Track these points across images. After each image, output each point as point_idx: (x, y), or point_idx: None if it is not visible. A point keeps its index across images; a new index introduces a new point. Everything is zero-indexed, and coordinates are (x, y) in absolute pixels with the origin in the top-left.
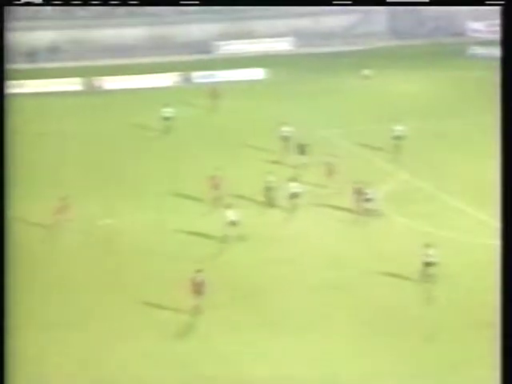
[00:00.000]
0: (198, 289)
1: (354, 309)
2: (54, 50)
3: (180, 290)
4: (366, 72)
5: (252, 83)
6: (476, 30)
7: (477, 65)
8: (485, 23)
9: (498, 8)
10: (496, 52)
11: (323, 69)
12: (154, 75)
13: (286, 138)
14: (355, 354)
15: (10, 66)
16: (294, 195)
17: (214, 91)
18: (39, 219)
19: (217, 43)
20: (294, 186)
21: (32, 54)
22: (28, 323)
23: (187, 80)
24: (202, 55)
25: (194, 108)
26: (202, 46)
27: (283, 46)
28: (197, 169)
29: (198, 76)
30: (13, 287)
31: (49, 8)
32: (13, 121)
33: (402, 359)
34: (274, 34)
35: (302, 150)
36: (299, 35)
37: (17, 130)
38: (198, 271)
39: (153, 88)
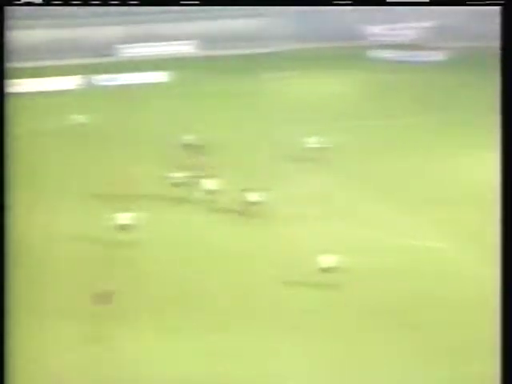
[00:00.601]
0: (106, 294)
1: (261, 311)
2: None
3: (88, 296)
4: (271, 75)
5: (156, 86)
6: (376, 34)
7: (377, 67)
8: (384, 27)
9: (401, 11)
10: (395, 55)
11: (228, 72)
12: (57, 78)
13: (189, 141)
14: (266, 355)
15: None
16: (200, 194)
17: (118, 94)
18: None
19: (121, 46)
20: (201, 185)
21: None
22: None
23: (90, 83)
24: (106, 58)
25: (98, 111)
26: (106, 49)
27: (188, 48)
28: (102, 172)
29: (102, 79)
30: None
31: None
32: None
33: (311, 361)
34: (178, 37)
35: (202, 151)
36: (204, 38)
37: None
38: (106, 277)
39: (56, 91)
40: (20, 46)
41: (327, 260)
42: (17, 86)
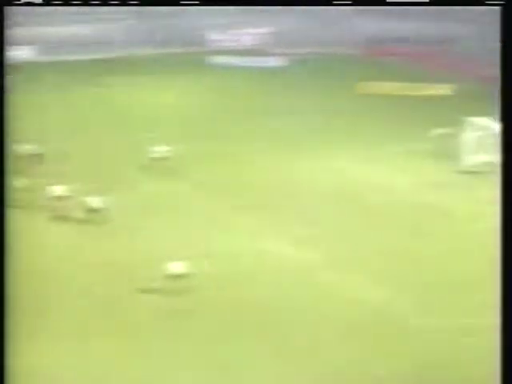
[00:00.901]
0: None
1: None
2: None
3: None
4: (112, 81)
5: None
6: (215, 40)
7: (218, 73)
8: (225, 33)
9: (241, 17)
10: (235, 61)
11: (71, 77)
12: None
13: (30, 148)
14: (118, 362)
15: None
16: (42, 202)
17: None
18: None
19: None
20: (42, 193)
21: None
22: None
23: None
24: None
25: None
26: None
27: (28, 54)
28: None
29: None
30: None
31: None
32: None
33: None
34: (18, 42)
35: (43, 159)
36: (45, 43)
37: None
38: None
39: None
40: None
41: (177, 266)
42: None
